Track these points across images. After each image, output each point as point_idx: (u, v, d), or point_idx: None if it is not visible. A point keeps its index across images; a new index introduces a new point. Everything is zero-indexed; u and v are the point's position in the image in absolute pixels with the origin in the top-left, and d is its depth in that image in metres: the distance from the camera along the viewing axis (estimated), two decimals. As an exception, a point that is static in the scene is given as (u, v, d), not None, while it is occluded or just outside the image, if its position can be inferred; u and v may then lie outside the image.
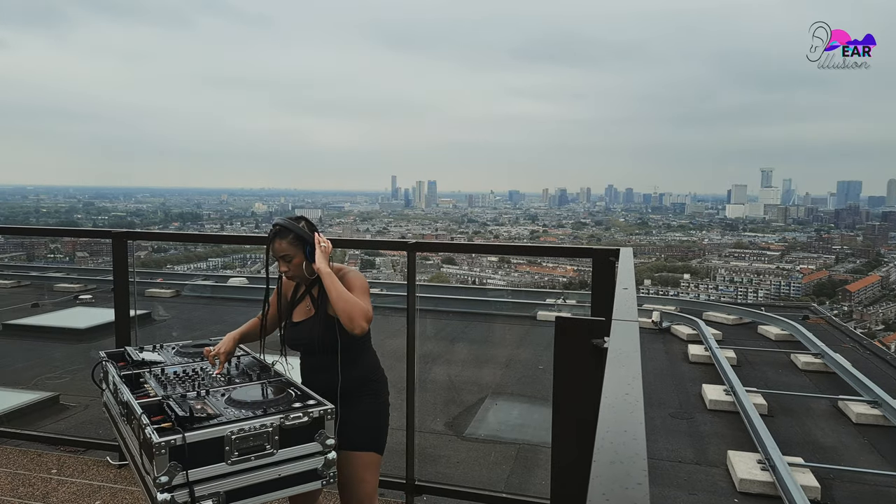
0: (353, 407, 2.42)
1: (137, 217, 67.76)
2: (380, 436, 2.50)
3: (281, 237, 2.41)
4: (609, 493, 0.75)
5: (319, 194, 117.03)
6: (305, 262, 2.42)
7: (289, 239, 2.41)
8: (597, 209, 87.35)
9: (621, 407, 1.05)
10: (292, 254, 2.41)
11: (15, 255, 33.66)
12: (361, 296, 2.40)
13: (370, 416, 2.46)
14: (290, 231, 2.41)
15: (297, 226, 2.43)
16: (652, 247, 58.51)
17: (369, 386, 2.48)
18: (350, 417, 2.40)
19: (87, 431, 4.83)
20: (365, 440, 2.44)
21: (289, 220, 2.44)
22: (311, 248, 2.41)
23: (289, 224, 2.42)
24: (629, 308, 1.78)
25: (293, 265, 2.43)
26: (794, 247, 58.00)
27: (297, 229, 2.42)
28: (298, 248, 2.41)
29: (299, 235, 2.41)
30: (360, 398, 2.44)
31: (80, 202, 79.24)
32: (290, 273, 2.45)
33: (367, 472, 2.46)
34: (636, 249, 46.53)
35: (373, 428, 2.47)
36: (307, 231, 2.43)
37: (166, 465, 1.84)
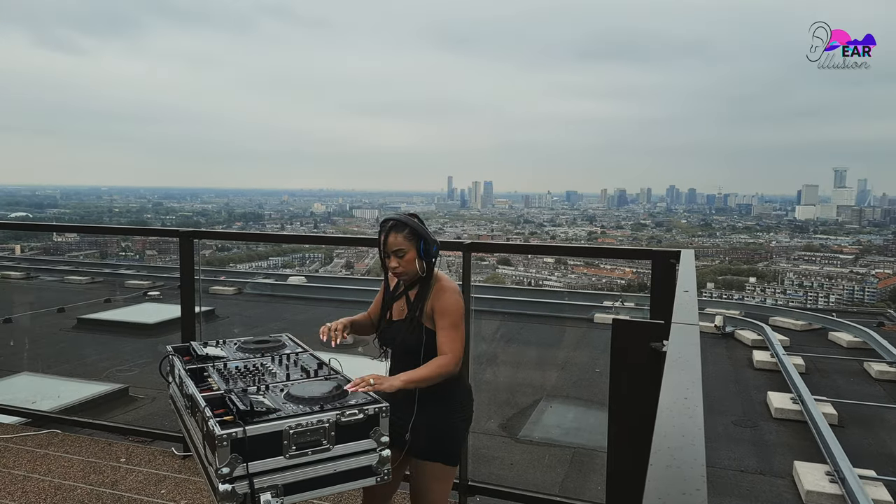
0: (428, 415, 2.37)
1: (203, 217, 70.16)
2: (450, 448, 2.43)
3: (397, 231, 2.36)
4: (665, 497, 0.73)
5: (377, 195, 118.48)
6: (418, 258, 2.37)
7: (404, 233, 2.35)
8: (657, 210, 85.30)
9: (679, 412, 1.02)
10: (406, 249, 2.35)
11: (89, 252, 35.40)
12: (454, 327, 2.35)
13: (442, 426, 2.40)
14: (405, 225, 2.36)
15: (413, 220, 2.39)
16: (715, 249, 56.69)
17: (448, 396, 2.41)
18: (422, 425, 2.37)
19: (154, 422, 5.04)
20: (433, 450, 2.40)
21: (403, 215, 2.41)
22: (426, 244, 2.37)
23: (404, 219, 2.38)
24: (689, 311, 1.73)
25: (405, 261, 2.36)
26: (868, 250, 55.11)
27: (413, 223, 2.37)
28: (413, 243, 2.36)
29: (415, 230, 2.36)
30: (436, 407, 2.38)
31: (149, 202, 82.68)
32: (399, 269, 2.38)
33: (433, 482, 2.42)
34: (699, 252, 45.19)
35: (443, 439, 2.40)
36: (422, 227, 2.39)
37: (228, 456, 1.90)
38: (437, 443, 2.40)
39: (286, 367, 2.52)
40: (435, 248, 2.41)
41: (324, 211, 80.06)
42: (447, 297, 2.38)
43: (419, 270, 2.39)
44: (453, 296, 2.40)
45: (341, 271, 44.45)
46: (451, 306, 2.37)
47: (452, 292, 2.41)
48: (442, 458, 2.42)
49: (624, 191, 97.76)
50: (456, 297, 2.41)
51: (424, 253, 2.38)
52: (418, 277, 2.43)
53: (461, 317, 2.39)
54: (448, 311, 2.36)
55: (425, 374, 2.28)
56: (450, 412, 2.42)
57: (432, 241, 2.40)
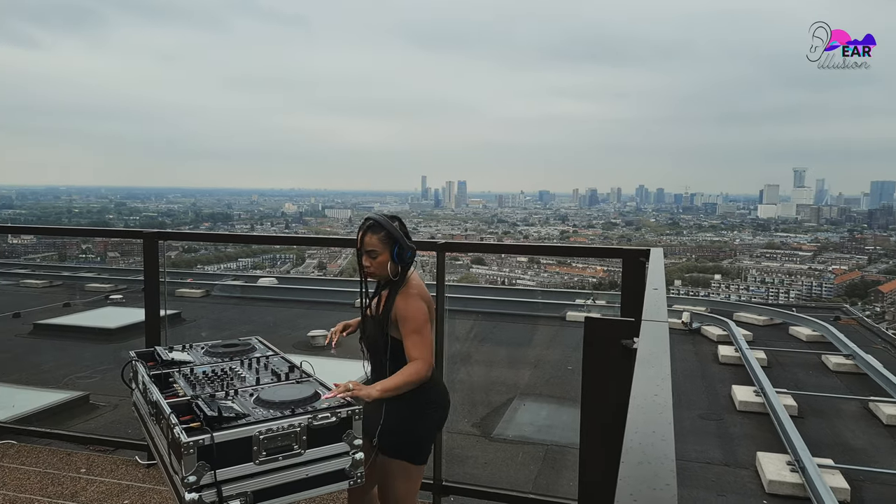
0: (395, 412, 2.38)
1: (168, 217, 68.89)
2: (413, 445, 2.44)
3: (373, 232, 2.39)
4: (637, 493, 0.74)
5: (349, 194, 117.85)
6: (391, 262, 2.39)
7: (380, 235, 2.38)
8: (627, 209, 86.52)
9: (650, 408, 1.03)
10: (380, 251, 2.38)
11: (47, 255, 34.47)
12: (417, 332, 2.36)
13: (407, 424, 2.41)
14: (382, 228, 2.38)
15: (391, 224, 2.40)
16: (683, 247, 57.74)
17: (419, 395, 2.41)
18: (391, 423, 2.38)
19: (117, 431, 4.92)
20: (396, 447, 2.42)
21: (383, 217, 2.42)
22: (401, 248, 2.38)
23: (382, 220, 2.39)
24: (659, 309, 1.75)
25: (377, 262, 2.39)
26: (826, 247, 56.77)
27: (390, 227, 2.38)
28: (387, 246, 2.38)
29: (391, 234, 2.38)
30: (404, 407, 2.39)
31: (111, 202, 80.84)
32: (371, 269, 2.41)
33: (398, 480, 2.44)
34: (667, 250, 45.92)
35: (406, 435, 2.42)
36: (399, 232, 2.40)
37: (194, 464, 1.86)
38: (404, 441, 2.42)
39: (256, 370, 2.48)
40: (409, 254, 2.42)
41: (295, 211, 79.25)
42: (408, 304, 2.39)
43: (390, 274, 2.41)
44: (415, 302, 2.40)
45: (313, 272, 44.05)
46: (410, 312, 2.38)
47: (415, 298, 2.41)
48: (407, 456, 2.43)
49: (595, 190, 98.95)
50: (417, 304, 2.41)
51: (398, 257, 2.39)
52: (390, 280, 2.44)
53: (423, 321, 2.39)
54: (408, 317, 2.37)
55: (399, 382, 2.29)
56: (418, 412, 2.44)
57: (407, 246, 2.41)
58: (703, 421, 5.96)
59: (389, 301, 2.42)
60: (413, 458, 2.46)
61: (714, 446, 5.36)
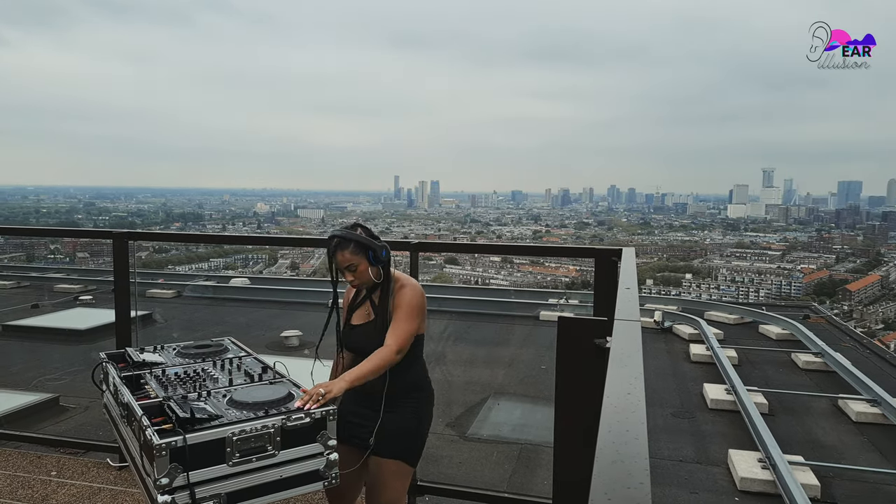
0: (393, 414, 2.43)
1: (138, 217, 67.82)
2: (411, 446, 2.50)
3: (342, 249, 2.41)
4: (611, 492, 0.75)
5: (322, 194, 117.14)
6: (371, 267, 2.42)
7: (350, 249, 2.40)
8: (599, 209, 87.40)
9: (623, 407, 1.05)
10: (356, 262, 2.41)
11: (15, 255, 33.71)
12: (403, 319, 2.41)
13: (406, 426, 2.47)
14: (349, 241, 2.41)
15: (355, 233, 2.43)
16: (654, 247, 58.52)
17: (413, 396, 2.50)
18: (387, 424, 2.43)
19: (88, 433, 4.83)
20: (395, 448, 2.46)
21: (345, 230, 2.44)
22: (374, 251, 2.41)
23: (346, 234, 2.42)
24: (631, 308, 1.78)
25: (359, 273, 2.43)
26: (794, 246, 58.01)
27: (356, 237, 2.41)
28: (361, 255, 2.41)
29: (359, 243, 2.41)
30: (400, 407, 2.45)
31: (80, 202, 79.31)
32: (356, 281, 2.46)
33: (393, 479, 2.48)
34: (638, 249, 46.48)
35: (406, 438, 2.47)
36: (366, 237, 2.43)
37: (167, 466, 1.84)
38: (402, 442, 2.46)
39: (229, 371, 2.46)
40: (385, 253, 2.45)
41: (267, 211, 78.57)
42: (405, 293, 2.46)
43: (374, 278, 2.45)
44: (410, 290, 2.47)
45: (286, 272, 43.73)
46: (405, 299, 2.45)
47: (409, 288, 2.48)
48: (404, 456, 2.48)
49: (567, 190, 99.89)
50: (411, 292, 2.47)
51: (375, 260, 2.43)
52: (377, 283, 2.48)
53: (414, 309, 2.45)
54: (402, 303, 2.44)
55: (368, 369, 2.30)
56: (415, 411, 2.50)
57: (380, 246, 2.44)
58: (676, 419, 6.05)
59: (384, 300, 2.47)
60: (410, 458, 2.51)
61: (686, 444, 5.44)
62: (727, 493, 4.56)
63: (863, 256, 54.87)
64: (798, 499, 4.11)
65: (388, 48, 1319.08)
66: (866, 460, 5.13)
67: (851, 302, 43.73)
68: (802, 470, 4.67)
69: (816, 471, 4.71)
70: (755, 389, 6.56)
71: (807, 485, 4.41)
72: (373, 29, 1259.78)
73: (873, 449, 5.38)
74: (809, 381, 7.33)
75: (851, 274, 49.70)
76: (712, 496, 4.53)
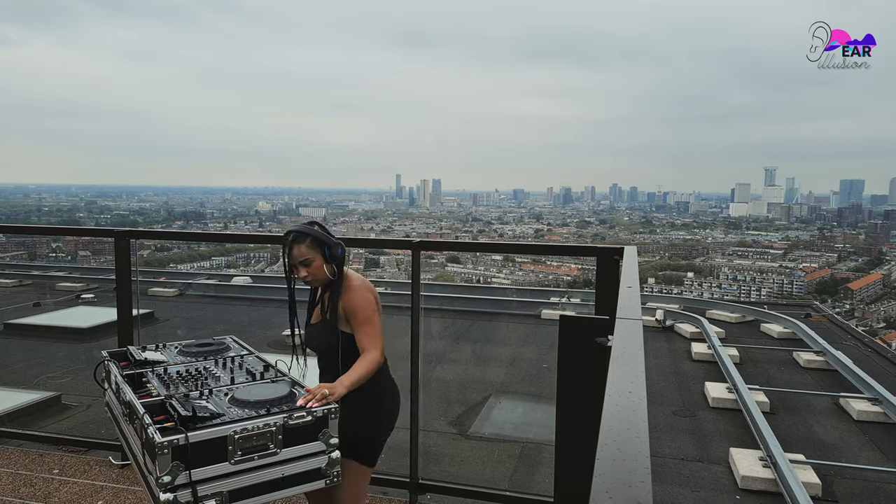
0: (350, 414, 2.35)
1: (140, 216, 67.85)
2: (366, 447, 2.46)
3: (298, 242, 2.42)
4: (612, 490, 0.75)
5: (324, 193, 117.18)
6: (326, 264, 2.42)
7: (307, 243, 2.41)
8: (601, 208, 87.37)
9: (625, 405, 1.05)
10: (312, 257, 2.41)
11: (16, 254, 33.73)
12: (367, 322, 2.41)
13: (359, 425, 2.40)
14: (307, 235, 2.42)
15: (312, 229, 2.44)
16: (656, 245, 58.46)
17: (368, 396, 2.42)
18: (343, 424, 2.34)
19: (90, 431, 4.84)
20: (351, 449, 2.37)
21: (303, 226, 2.46)
22: (331, 248, 2.42)
23: (304, 229, 2.44)
24: (633, 307, 1.77)
25: (313, 268, 2.42)
26: (796, 245, 57.94)
27: (313, 232, 2.43)
28: (317, 250, 2.42)
29: (316, 238, 2.42)
30: (355, 406, 2.37)
31: (82, 201, 79.40)
32: (309, 277, 2.45)
33: (349, 478, 2.36)
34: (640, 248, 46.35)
35: (359, 437, 2.41)
36: (323, 233, 2.44)
37: (169, 464, 1.84)
38: (356, 442, 2.40)
39: (231, 370, 2.46)
40: (340, 251, 2.46)
41: (269, 209, 78.57)
42: (355, 297, 2.45)
43: (329, 275, 2.45)
44: (359, 293, 2.46)
45: (287, 271, 43.57)
46: (358, 303, 2.44)
47: (359, 290, 2.47)
48: (357, 456, 2.44)
49: (569, 189, 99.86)
50: (363, 294, 2.47)
51: (330, 257, 2.43)
52: (330, 280, 2.48)
53: (373, 311, 2.46)
54: (357, 308, 2.43)
55: (361, 373, 2.32)
56: (368, 412, 2.46)
57: (335, 244, 2.45)
58: (677, 417, 6.05)
59: (334, 299, 2.46)
60: (364, 458, 2.47)
61: (688, 443, 5.44)
62: (728, 491, 4.56)
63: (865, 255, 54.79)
64: (799, 497, 4.11)
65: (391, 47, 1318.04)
66: (868, 459, 5.13)
67: (853, 301, 43.68)
68: (804, 468, 4.67)
69: (818, 469, 4.71)
70: (757, 388, 6.56)
71: (808, 483, 4.40)
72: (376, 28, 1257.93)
73: (875, 447, 5.37)
74: (811, 380, 7.33)
75: (853, 273, 49.64)
76: (713, 494, 4.53)
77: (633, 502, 0.72)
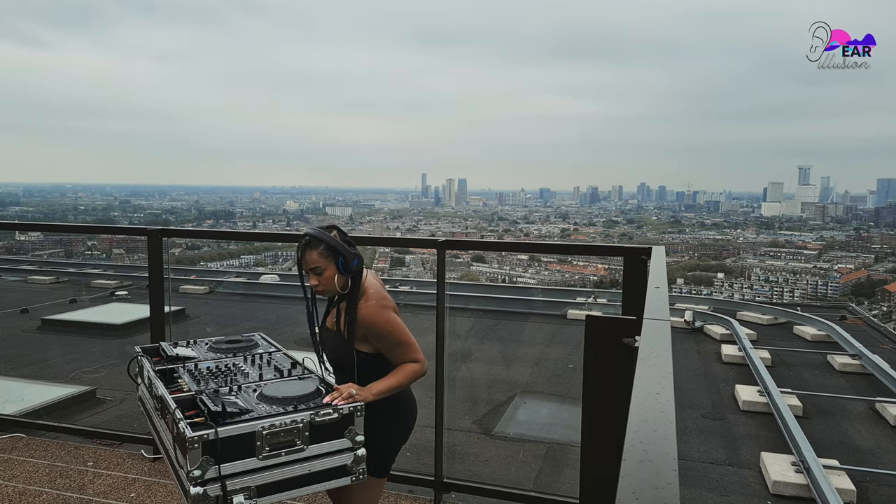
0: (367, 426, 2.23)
1: (172, 215, 69.00)
2: (379, 460, 2.33)
3: (311, 248, 2.28)
4: (639, 492, 0.74)
5: (350, 192, 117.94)
6: (338, 274, 2.28)
7: (319, 250, 2.27)
8: (629, 207, 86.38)
9: (652, 406, 1.04)
10: (323, 266, 2.27)
11: (54, 251, 34.61)
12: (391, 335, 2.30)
13: (377, 439, 2.30)
14: (320, 241, 2.27)
15: (329, 235, 2.28)
16: (685, 245, 57.62)
17: (383, 410, 2.32)
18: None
19: (123, 425, 4.95)
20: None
21: (319, 230, 2.31)
22: (344, 259, 2.26)
23: (319, 234, 2.28)
24: (660, 307, 1.75)
25: (324, 278, 2.29)
26: (832, 246, 56.59)
27: (329, 239, 2.27)
28: (330, 259, 2.27)
29: (331, 246, 2.27)
30: (371, 419, 2.23)
31: (116, 200, 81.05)
32: (320, 287, 2.31)
33: (355, 490, 2.33)
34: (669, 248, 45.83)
35: (375, 451, 2.27)
36: (339, 241, 2.29)
37: (199, 459, 1.87)
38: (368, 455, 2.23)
39: (259, 366, 2.49)
40: (356, 262, 2.31)
41: (297, 208, 79.30)
42: (377, 318, 2.30)
43: (339, 288, 2.30)
44: (383, 314, 2.31)
45: (314, 269, 43.98)
46: (383, 328, 2.31)
47: (380, 310, 2.31)
48: (370, 469, 2.26)
49: (596, 188, 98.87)
50: (385, 316, 2.32)
51: (344, 269, 2.28)
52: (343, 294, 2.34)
53: (397, 328, 2.32)
54: (384, 334, 2.31)
55: (395, 383, 2.27)
56: (382, 425, 2.34)
57: (352, 255, 2.29)
58: (707, 420, 5.96)
59: (351, 315, 2.31)
60: (377, 471, 2.36)
61: (717, 446, 5.35)
62: (759, 496, 4.48)
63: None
64: (833, 503, 4.03)
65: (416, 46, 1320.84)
66: (905, 465, 5.00)
67: (891, 303, 42.49)
68: (838, 474, 4.57)
69: (852, 475, 4.61)
70: (789, 391, 6.43)
71: (842, 489, 4.31)
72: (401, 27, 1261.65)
73: (912, 454, 5.23)
74: (846, 384, 7.16)
75: (891, 274, 48.29)
76: (744, 499, 4.46)
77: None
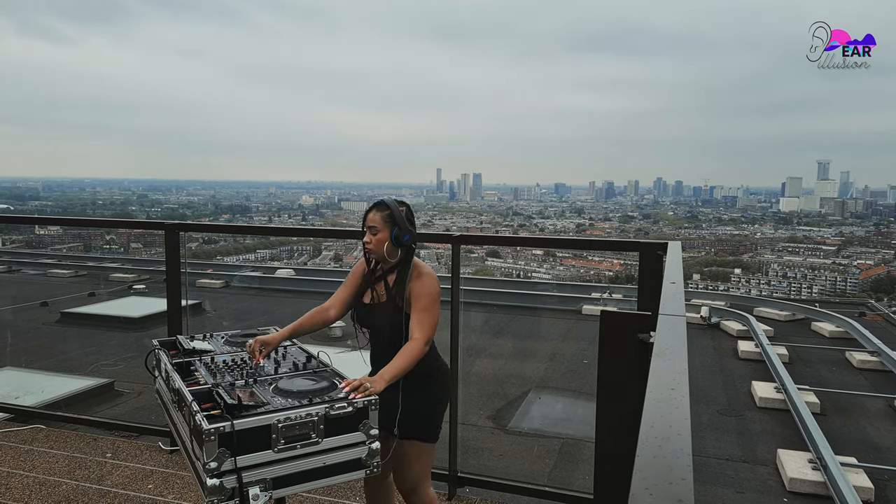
0: (408, 397, 2.47)
1: (189, 209, 69.53)
2: (427, 425, 2.55)
3: (378, 209, 2.48)
4: (653, 487, 0.74)
5: (365, 187, 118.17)
6: (389, 243, 2.46)
7: (383, 214, 2.47)
8: (645, 202, 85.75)
9: (666, 402, 1.03)
10: (380, 228, 2.46)
11: (73, 245, 35.06)
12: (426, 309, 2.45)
13: (421, 407, 2.52)
14: (387, 207, 2.48)
15: (397, 207, 2.48)
16: (702, 241, 57.12)
17: (427, 378, 2.53)
18: (403, 407, 2.46)
19: (141, 417, 5.01)
20: (412, 430, 2.50)
21: (392, 199, 2.52)
22: (399, 229, 2.45)
23: (389, 202, 2.50)
24: (676, 303, 1.74)
25: (377, 240, 2.47)
26: (851, 241, 55.79)
27: (395, 209, 2.47)
28: (388, 226, 2.46)
29: (393, 214, 2.46)
30: (415, 389, 2.48)
31: (134, 194, 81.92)
32: (371, 245, 2.49)
33: (412, 460, 2.54)
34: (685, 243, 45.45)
35: (420, 420, 2.52)
36: (402, 216, 2.47)
37: (215, 451, 1.89)
38: (417, 423, 2.51)
39: (275, 360, 2.51)
40: (407, 238, 2.49)
41: (312, 203, 79.64)
42: (423, 281, 2.49)
43: (386, 255, 2.48)
44: (428, 279, 2.51)
45: (330, 264, 44.26)
46: (425, 289, 2.48)
47: (428, 276, 2.52)
48: (420, 435, 2.53)
49: (612, 183, 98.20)
50: (431, 281, 2.51)
51: (395, 240, 2.47)
52: (396, 263, 2.51)
53: (434, 300, 2.49)
54: (422, 293, 2.47)
55: (403, 365, 2.35)
56: (429, 395, 2.54)
57: (406, 230, 2.48)
58: (722, 417, 5.92)
59: (400, 285, 2.49)
60: (426, 436, 2.56)
61: (733, 442, 5.32)
62: (775, 493, 4.45)
63: (924, 252, 52.44)
64: (850, 501, 3.99)
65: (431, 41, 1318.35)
66: (925, 464, 4.93)
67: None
68: (856, 472, 4.52)
69: (871, 473, 4.56)
70: (807, 388, 6.37)
71: (860, 487, 4.26)
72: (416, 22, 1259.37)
73: (932, 452, 5.16)
74: (865, 381, 7.08)
75: (912, 270, 47.56)
76: (760, 496, 4.42)
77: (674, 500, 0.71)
